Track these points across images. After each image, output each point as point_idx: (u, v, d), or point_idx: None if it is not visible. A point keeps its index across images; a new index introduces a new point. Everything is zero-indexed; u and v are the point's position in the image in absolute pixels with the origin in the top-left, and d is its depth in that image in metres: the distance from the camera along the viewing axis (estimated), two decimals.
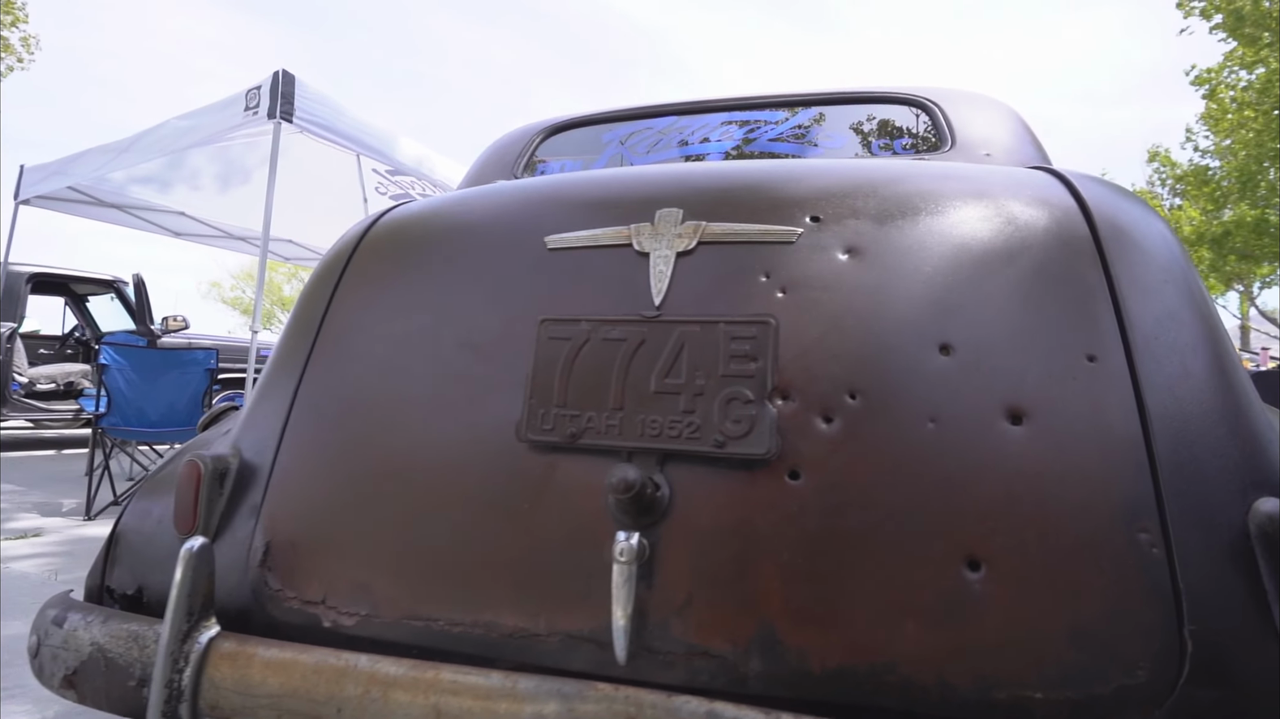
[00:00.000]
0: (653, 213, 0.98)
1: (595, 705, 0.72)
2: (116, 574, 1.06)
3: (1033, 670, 0.69)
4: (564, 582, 0.81)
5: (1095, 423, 0.76)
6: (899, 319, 0.84)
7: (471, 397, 0.92)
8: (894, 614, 0.72)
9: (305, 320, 1.12)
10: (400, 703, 0.77)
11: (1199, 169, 19.56)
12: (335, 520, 0.92)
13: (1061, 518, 0.73)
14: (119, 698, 0.89)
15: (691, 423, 0.81)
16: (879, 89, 1.77)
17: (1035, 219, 0.91)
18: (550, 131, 1.96)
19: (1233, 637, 0.68)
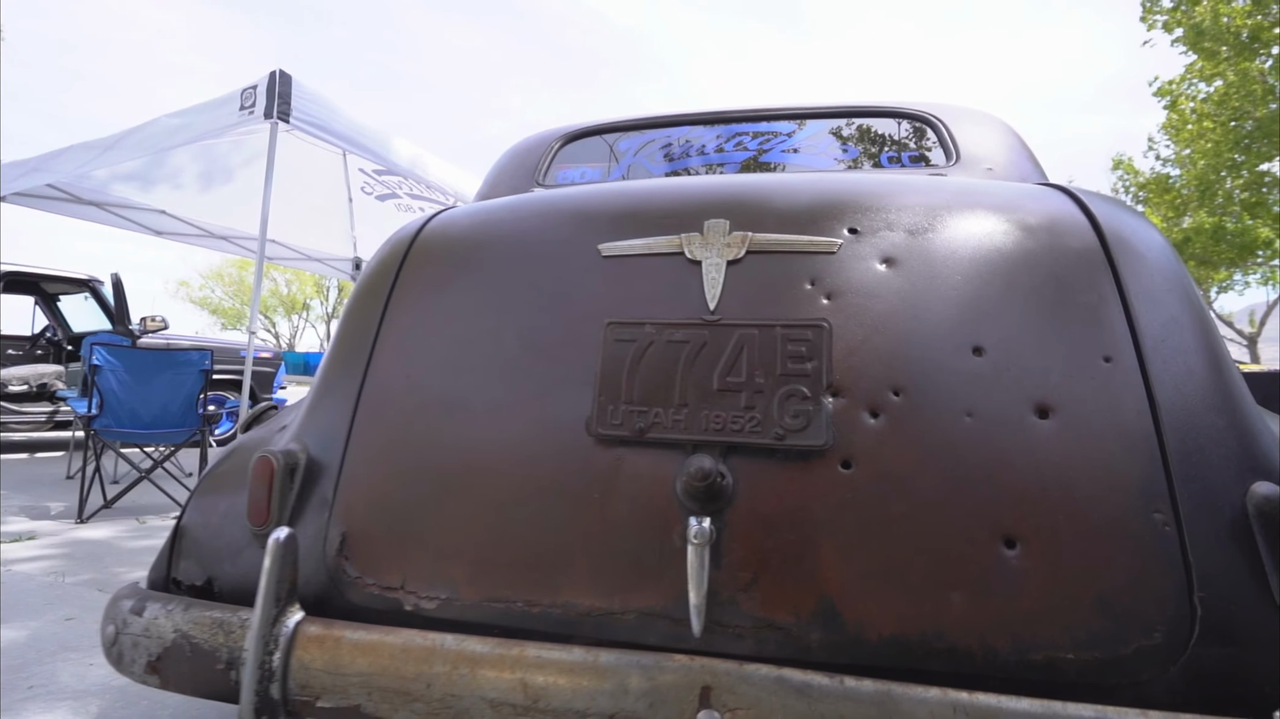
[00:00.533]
0: (701, 223, 1.06)
1: (674, 676, 0.80)
2: (183, 567, 1.10)
3: (1064, 635, 0.78)
4: (636, 564, 0.88)
5: (1113, 417, 0.86)
6: (935, 323, 0.93)
7: (540, 394, 0.98)
8: (940, 588, 0.81)
9: (362, 322, 1.17)
10: (488, 678, 0.84)
11: (1160, 177, 20.26)
12: (412, 511, 0.98)
13: (1086, 501, 0.82)
14: (205, 681, 0.94)
15: (753, 418, 0.89)
16: (885, 104, 1.87)
17: (1052, 232, 1.00)
18: (568, 139, 2.03)
19: (1235, 603, 0.78)
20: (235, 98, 3.83)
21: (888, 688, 0.76)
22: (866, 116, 1.87)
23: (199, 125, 4.00)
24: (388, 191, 6.71)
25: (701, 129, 1.97)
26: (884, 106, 1.87)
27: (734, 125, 1.95)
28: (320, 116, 3.92)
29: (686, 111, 2.04)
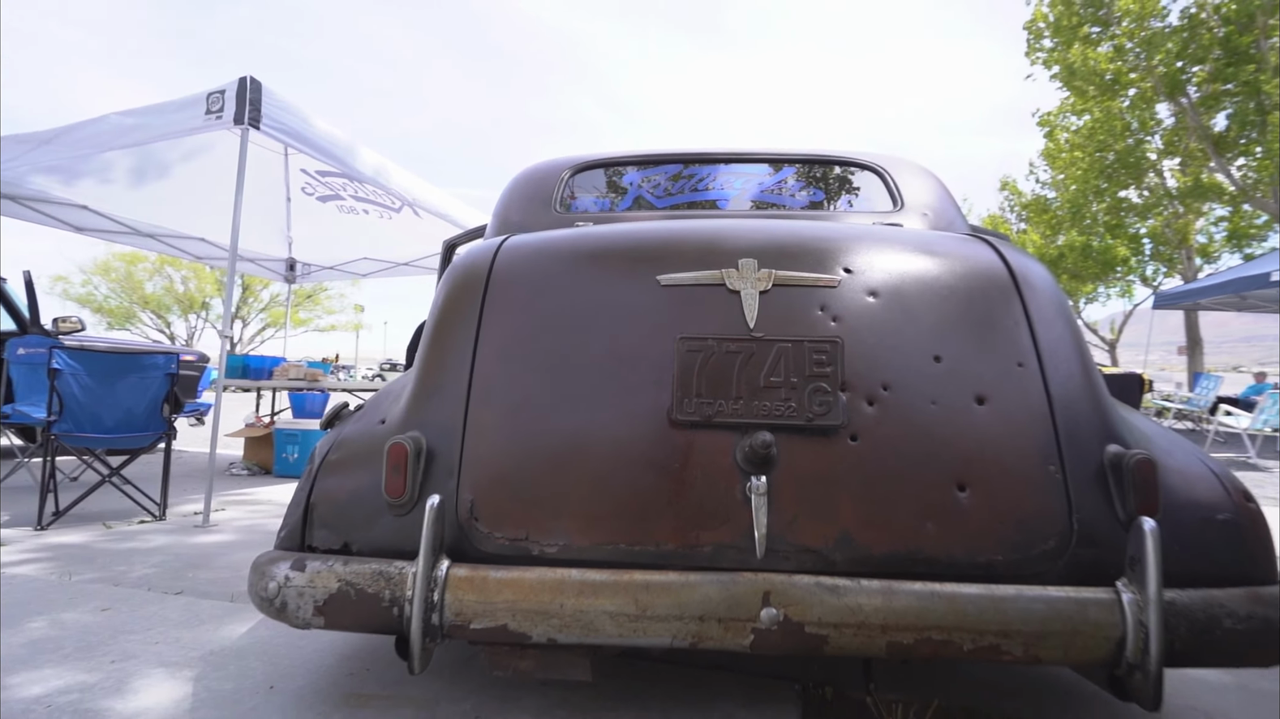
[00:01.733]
0: (736, 261, 1.41)
1: (743, 587, 1.14)
2: (319, 535, 1.33)
3: (996, 545, 1.18)
4: (708, 511, 1.21)
5: (1024, 404, 1.28)
6: (907, 339, 1.32)
7: (627, 390, 1.30)
8: (918, 518, 1.19)
9: (461, 333, 1.44)
10: (607, 598, 1.15)
11: (1039, 199, 22.55)
12: (530, 481, 1.27)
13: (1008, 459, 1.23)
14: (369, 617, 1.19)
15: (790, 406, 1.25)
16: (843, 154, 2.29)
17: (981, 274, 1.42)
18: (576, 170, 2.33)
19: (1096, 521, 1.21)
20: (200, 101, 3.83)
21: (888, 584, 1.13)
22: (828, 164, 2.29)
23: (158, 126, 3.96)
24: (330, 193, 6.67)
25: (694, 167, 2.32)
26: (842, 156, 2.29)
27: (721, 165, 2.31)
28: (292, 124, 3.98)
29: (679, 151, 2.38)
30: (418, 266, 7.62)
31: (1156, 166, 17.27)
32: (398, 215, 6.73)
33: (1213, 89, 15.21)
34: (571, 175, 2.30)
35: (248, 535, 3.14)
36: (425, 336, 1.53)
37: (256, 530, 3.27)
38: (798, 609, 1.12)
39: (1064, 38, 16.74)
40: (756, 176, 2.27)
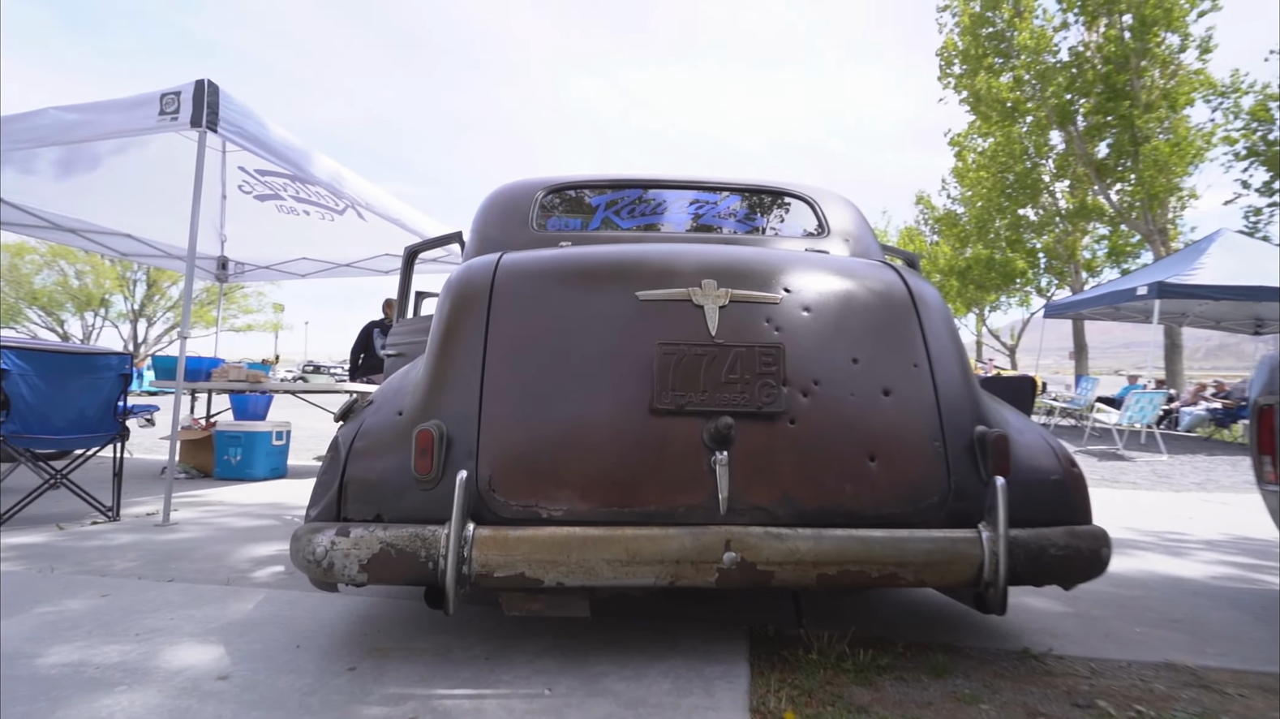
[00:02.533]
0: (700, 281, 1.75)
1: (710, 537, 1.48)
2: (353, 508, 1.57)
3: (897, 501, 1.57)
4: (681, 480, 1.54)
5: (918, 396, 1.68)
6: (833, 345, 1.70)
7: (616, 384, 1.61)
8: (840, 482, 1.57)
9: (469, 335, 1.71)
10: (605, 549, 1.46)
11: (950, 214, 24.27)
12: (537, 458, 1.56)
13: (905, 437, 1.63)
14: (408, 570, 1.45)
15: (745, 397, 1.59)
16: (780, 185, 2.68)
17: (887, 293, 1.82)
18: (548, 191, 2.61)
19: (967, 481, 1.61)
20: (153, 100, 3.84)
21: (818, 532, 1.50)
22: (768, 194, 2.67)
23: (106, 124, 3.93)
24: (270, 193, 6.62)
25: (653, 192, 2.65)
26: (779, 187, 2.68)
27: (676, 191, 2.66)
28: (249, 128, 4.04)
29: (639, 176, 2.71)
30: (361, 268, 7.62)
31: (1050, 188, 19.01)
32: (341, 218, 6.76)
33: (1096, 120, 16.94)
34: (544, 196, 2.59)
35: (214, 533, 3.23)
36: (434, 340, 1.79)
37: (221, 528, 3.35)
38: (751, 552, 1.47)
39: (971, 66, 18.17)
40: (707, 202, 2.63)
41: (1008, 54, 17.56)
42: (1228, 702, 1.50)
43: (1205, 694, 1.54)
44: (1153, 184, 15.84)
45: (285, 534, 3.19)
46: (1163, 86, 15.80)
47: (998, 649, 1.80)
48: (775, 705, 1.42)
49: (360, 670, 1.57)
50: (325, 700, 1.42)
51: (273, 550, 2.85)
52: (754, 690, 1.50)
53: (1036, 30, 16.78)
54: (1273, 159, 16.89)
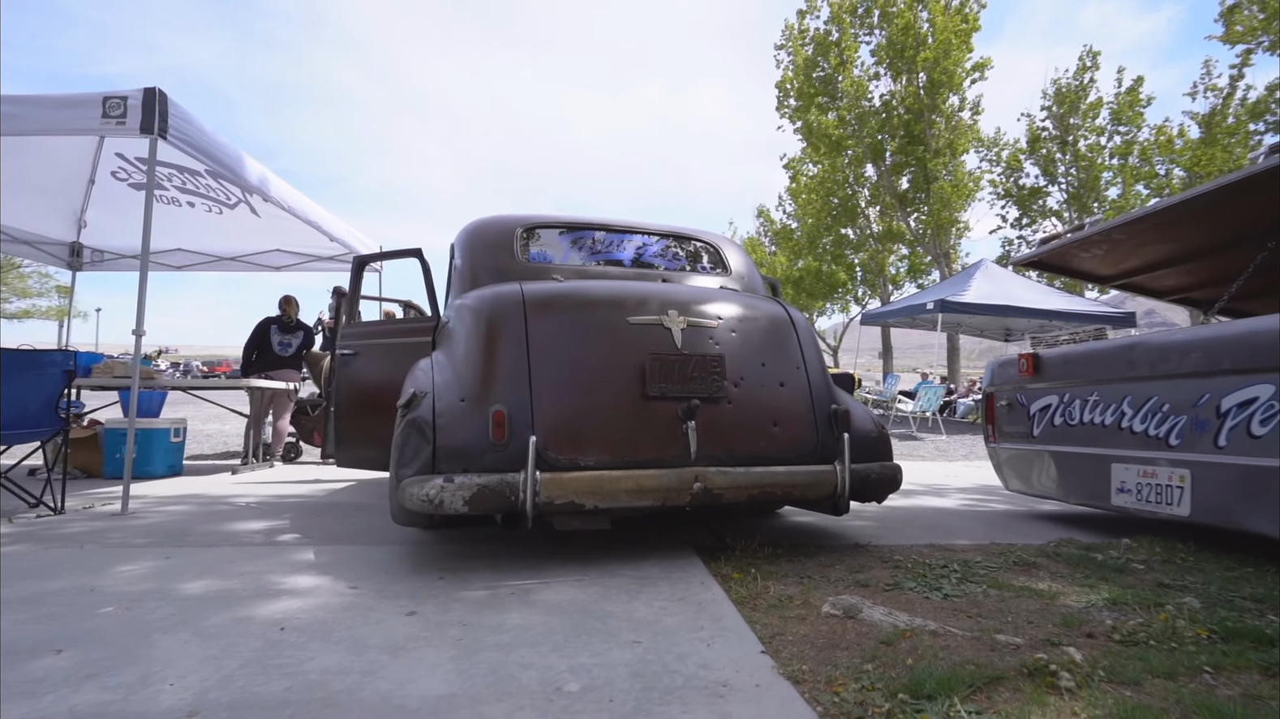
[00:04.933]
0: (667, 310, 2.65)
1: (685, 474, 2.39)
2: (443, 465, 2.26)
3: (788, 449, 2.59)
4: (666, 440, 2.43)
5: (799, 386, 2.72)
6: (749, 355, 2.69)
7: (621, 379, 2.46)
8: (759, 440, 2.55)
9: (514, 342, 2.47)
10: (621, 482, 2.31)
11: (786, 228, 27.29)
12: (572, 429, 2.36)
13: (793, 412, 2.66)
14: (497, 503, 2.20)
15: (701, 388, 2.52)
16: (696, 232, 3.66)
17: (777, 318, 2.86)
18: (526, 229, 3.36)
19: (827, 438, 2.68)
20: (94, 102, 3.92)
21: (747, 469, 2.47)
22: (685, 239, 3.63)
23: (38, 119, 3.90)
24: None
25: (606, 234, 3.49)
26: (693, 234, 3.66)
27: (624, 234, 3.52)
28: (192, 135, 4.21)
29: (595, 220, 3.53)
30: (248, 263, 7.49)
31: (864, 213, 22.27)
32: (231, 211, 6.75)
33: (899, 159, 20.22)
34: (521, 233, 3.33)
35: (183, 517, 3.52)
36: (480, 347, 2.51)
37: (186, 514, 3.64)
38: (710, 482, 2.40)
39: (805, 102, 20.75)
40: (644, 244, 3.53)
41: (834, 95, 20.35)
42: (959, 554, 2.70)
43: (949, 555, 2.73)
44: (939, 216, 19.34)
45: (263, 512, 3.58)
46: (947, 137, 19.32)
47: (841, 545, 2.90)
48: (725, 571, 2.36)
49: (449, 579, 2.27)
50: (442, 592, 2.12)
51: (264, 525, 3.29)
52: (708, 567, 2.43)
53: (856, 79, 19.66)
54: (1021, 199, 21.31)
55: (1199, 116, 18.33)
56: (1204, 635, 1.60)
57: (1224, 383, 2.52)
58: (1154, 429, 2.81)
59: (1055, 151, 20.65)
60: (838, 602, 1.90)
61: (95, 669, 1.51)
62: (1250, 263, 3.13)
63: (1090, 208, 20.34)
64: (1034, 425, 3.55)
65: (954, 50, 18.28)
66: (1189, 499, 2.62)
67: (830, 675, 1.46)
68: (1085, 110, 20.17)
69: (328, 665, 1.54)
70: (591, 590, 2.14)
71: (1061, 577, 2.33)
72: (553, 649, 1.64)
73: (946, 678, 1.35)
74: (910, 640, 1.63)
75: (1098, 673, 1.37)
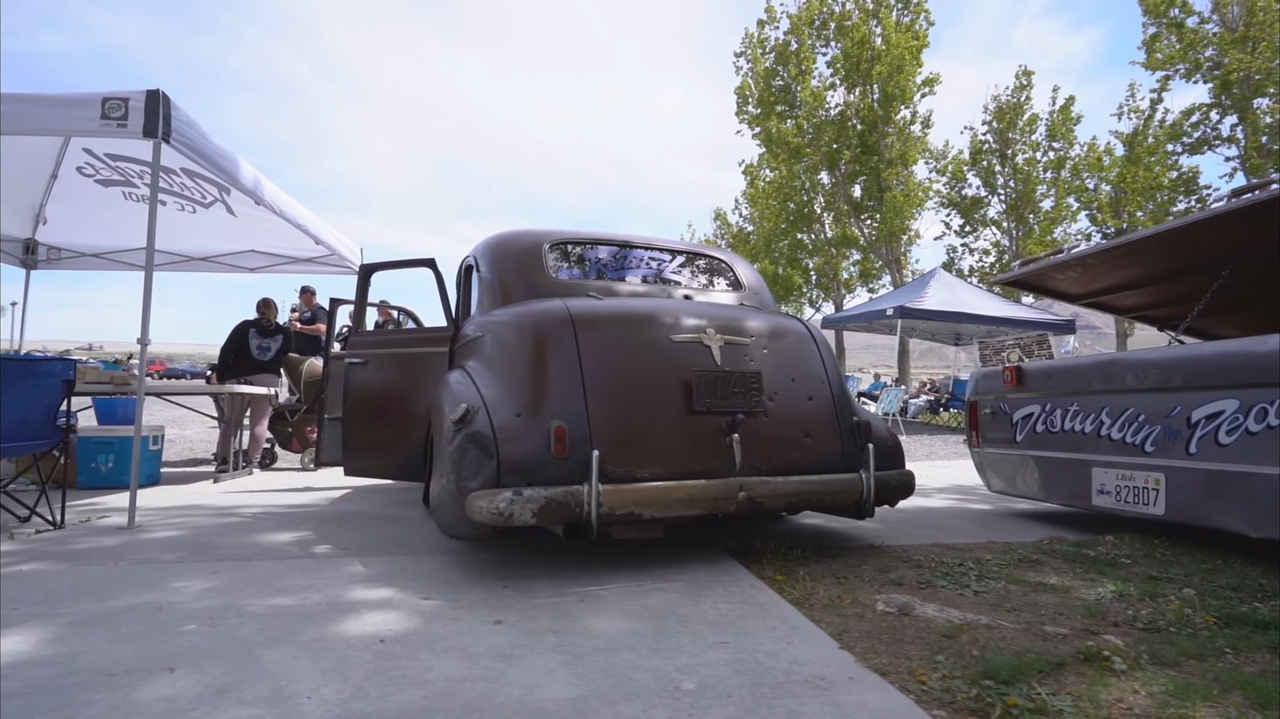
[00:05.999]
0: (706, 329, 2.82)
1: (731, 484, 2.56)
2: (507, 479, 2.36)
3: (819, 459, 2.79)
4: (712, 451, 2.60)
5: (826, 399, 2.93)
6: (781, 370, 2.88)
7: (669, 395, 2.60)
8: (794, 451, 2.75)
9: (567, 358, 2.58)
10: (676, 493, 2.46)
11: (743, 231, 27.87)
12: (628, 443, 2.49)
13: (822, 424, 2.86)
14: (563, 514, 2.31)
15: (743, 402, 2.69)
16: (708, 250, 3.84)
17: (802, 335, 3.06)
18: (550, 245, 3.46)
19: (852, 448, 2.89)
20: (93, 103, 3.79)
21: (785, 478, 2.66)
22: (702, 257, 3.80)
23: (34, 118, 3.73)
24: (120, 179, 6.21)
25: (626, 250, 3.63)
26: (707, 252, 3.84)
27: (642, 250, 3.66)
28: (194, 139, 4.11)
29: (613, 236, 3.66)
30: (221, 263, 7.26)
31: (820, 219, 22.98)
32: (206, 211, 6.57)
33: (853, 168, 20.97)
34: (550, 249, 3.44)
35: (197, 530, 3.48)
36: (531, 362, 2.63)
37: (198, 527, 3.59)
38: (753, 491, 2.58)
39: (765, 109, 21.26)
40: (662, 260, 3.68)
41: (793, 104, 20.93)
42: (969, 553, 2.96)
43: (960, 554, 2.99)
44: (891, 224, 20.16)
45: (280, 523, 3.56)
46: (899, 148, 20.15)
47: (858, 546, 3.13)
48: (767, 574, 2.54)
49: (513, 588, 2.37)
50: (515, 600, 2.22)
51: (290, 537, 3.29)
52: (750, 570, 2.60)
53: (814, 89, 20.27)
54: (964, 208, 22.40)
55: (1123, 136, 19.74)
56: (1211, 622, 1.87)
57: (1194, 397, 2.86)
58: (1130, 437, 3.15)
59: (995, 164, 21.87)
60: (889, 600, 2.10)
61: (222, 686, 1.57)
62: (1205, 288, 3.53)
63: (1026, 218, 21.63)
64: (1016, 432, 3.87)
65: (906, 65, 19.08)
66: (1164, 500, 2.96)
67: (910, 667, 1.65)
68: (1023, 126, 21.44)
69: (450, 674, 1.64)
70: (654, 596, 2.29)
71: (1064, 572, 2.61)
72: (651, 652, 1.78)
73: (1018, 665, 1.57)
74: (969, 634, 1.85)
75: (1143, 657, 1.61)
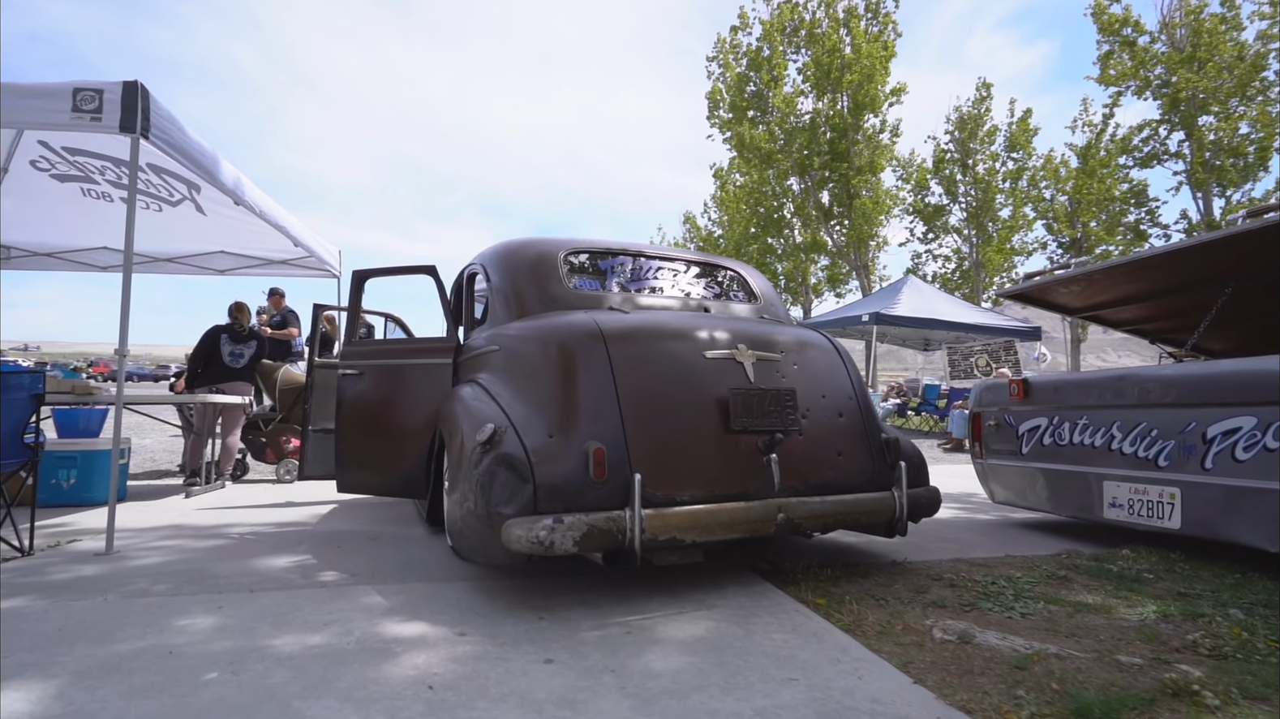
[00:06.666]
0: (737, 344, 2.75)
1: (770, 505, 2.49)
2: (544, 505, 2.24)
3: (852, 477, 2.75)
4: (750, 472, 2.52)
5: (855, 415, 2.89)
6: (812, 387, 2.83)
7: (706, 414, 2.52)
8: (829, 470, 2.70)
9: (602, 375, 2.48)
10: (718, 517, 2.38)
11: (712, 235, 28.00)
12: (667, 464, 2.40)
13: (853, 441, 2.82)
14: (605, 541, 2.21)
15: (779, 421, 2.63)
16: (720, 260, 3.77)
17: (827, 349, 3.02)
18: (566, 254, 3.34)
19: (882, 466, 2.86)
20: (63, 94, 3.50)
21: (822, 498, 2.61)
22: (712, 266, 3.73)
23: None
24: (79, 174, 5.83)
25: (640, 259, 3.53)
26: (720, 261, 3.77)
27: (655, 260, 3.57)
28: (173, 135, 3.85)
29: (627, 246, 3.56)
30: (185, 264, 6.88)
31: (790, 224, 23.24)
32: (173, 209, 6.23)
33: (823, 174, 21.27)
34: (565, 258, 3.32)
35: (184, 558, 3.25)
36: (560, 379, 2.52)
37: (181, 549, 3.36)
38: (791, 512, 2.52)
39: (736, 115, 21.39)
40: (679, 271, 3.60)
41: (765, 110, 21.12)
42: (994, 569, 2.96)
43: (986, 570, 2.99)
44: (860, 230, 20.51)
45: (272, 546, 3.34)
46: (868, 156, 20.53)
47: (881, 563, 3.10)
48: (806, 597, 2.48)
49: (550, 619, 2.26)
50: (557, 635, 2.11)
51: (288, 562, 3.09)
52: (787, 593, 2.54)
53: (786, 95, 20.49)
54: (927, 215, 22.95)
55: (1078, 148, 20.52)
56: (1275, 647, 1.89)
57: (1210, 413, 2.92)
58: (1143, 451, 3.21)
59: (957, 173, 22.48)
60: (945, 626, 2.06)
61: None
62: (1203, 304, 3.63)
63: (985, 226, 22.29)
64: (1023, 444, 3.92)
65: (876, 75, 19.45)
66: (1179, 514, 3.01)
67: (993, 703, 1.61)
68: (983, 136, 22.10)
69: None
70: (701, 625, 2.20)
71: (1095, 589, 2.63)
72: (722, 692, 1.69)
73: (1108, 702, 1.53)
74: (1040, 664, 1.82)
75: (1231, 690, 1.60)
